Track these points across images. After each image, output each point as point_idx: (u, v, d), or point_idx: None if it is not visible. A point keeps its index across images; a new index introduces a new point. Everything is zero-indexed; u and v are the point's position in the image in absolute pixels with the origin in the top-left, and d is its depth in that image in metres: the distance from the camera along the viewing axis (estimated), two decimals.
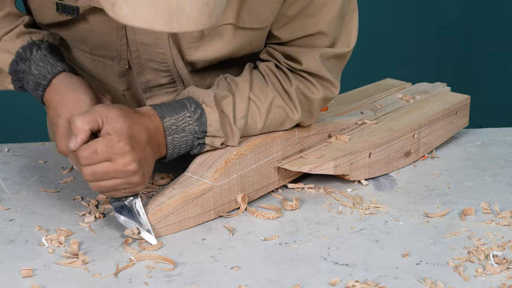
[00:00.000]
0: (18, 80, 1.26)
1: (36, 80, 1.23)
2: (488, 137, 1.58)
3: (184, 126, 1.20)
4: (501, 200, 1.30)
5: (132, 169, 1.12)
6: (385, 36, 3.07)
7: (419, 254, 1.13)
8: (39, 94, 1.24)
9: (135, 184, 1.14)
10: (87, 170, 1.12)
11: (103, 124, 1.12)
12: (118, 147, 1.11)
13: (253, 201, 1.28)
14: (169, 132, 1.19)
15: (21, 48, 1.24)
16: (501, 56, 3.17)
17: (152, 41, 1.24)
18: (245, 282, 1.05)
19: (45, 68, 1.23)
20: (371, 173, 1.37)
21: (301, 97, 1.30)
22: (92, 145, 1.11)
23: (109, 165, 1.11)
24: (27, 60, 1.24)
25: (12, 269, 1.07)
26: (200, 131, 1.22)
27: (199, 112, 1.21)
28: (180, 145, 1.21)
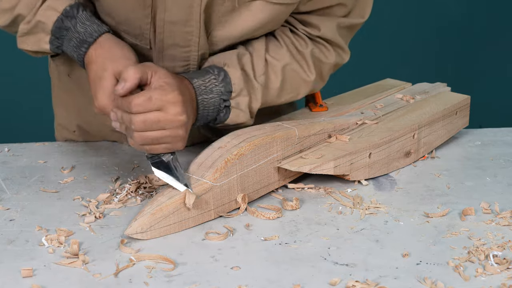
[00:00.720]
0: (58, 39, 1.27)
1: (82, 37, 1.25)
2: (488, 137, 1.58)
3: (211, 87, 1.25)
4: (501, 200, 1.30)
5: (182, 120, 1.15)
6: (385, 36, 3.08)
7: (419, 254, 1.13)
8: (82, 51, 1.25)
9: (179, 137, 1.17)
10: (138, 118, 1.14)
11: (151, 78, 1.16)
12: (172, 96, 1.14)
13: (253, 201, 1.28)
14: (199, 92, 1.24)
15: (69, 6, 1.27)
16: (501, 56, 3.17)
17: (183, 18, 1.26)
18: (245, 282, 1.05)
19: (91, 26, 1.26)
20: (371, 173, 1.37)
21: (315, 61, 1.36)
22: (146, 93, 1.14)
23: (160, 114, 1.14)
24: (73, 18, 1.26)
25: (12, 269, 1.07)
26: (226, 91, 1.27)
27: (223, 74, 1.27)
28: (209, 106, 1.25)
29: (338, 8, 1.34)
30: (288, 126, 1.32)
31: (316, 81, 1.38)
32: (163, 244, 1.14)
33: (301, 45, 1.35)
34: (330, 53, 1.38)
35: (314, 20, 1.34)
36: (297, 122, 1.36)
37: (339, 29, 1.36)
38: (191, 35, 1.28)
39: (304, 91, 1.38)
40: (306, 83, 1.37)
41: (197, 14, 1.26)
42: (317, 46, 1.37)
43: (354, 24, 1.37)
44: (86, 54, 1.25)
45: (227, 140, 1.27)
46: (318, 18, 1.34)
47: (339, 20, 1.35)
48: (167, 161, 1.19)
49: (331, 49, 1.38)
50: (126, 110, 1.15)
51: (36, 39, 1.29)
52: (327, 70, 1.39)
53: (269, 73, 1.33)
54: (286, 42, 1.35)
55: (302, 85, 1.37)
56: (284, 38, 1.36)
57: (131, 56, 1.24)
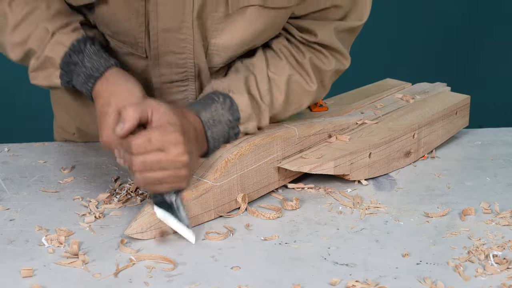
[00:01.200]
0: (67, 73, 1.27)
1: (88, 72, 1.24)
2: (488, 137, 1.58)
3: (219, 118, 1.23)
4: (501, 200, 1.30)
5: (184, 160, 1.12)
6: (385, 36, 3.07)
7: (419, 254, 1.13)
8: (89, 87, 1.24)
9: (182, 178, 1.13)
10: (138, 159, 1.11)
11: (152, 116, 1.13)
12: (172, 136, 1.11)
13: (253, 201, 1.28)
14: (208, 127, 1.22)
15: (76, 40, 1.26)
16: (501, 56, 3.17)
17: (175, 25, 1.25)
18: (245, 282, 1.05)
19: (98, 61, 1.25)
20: (371, 173, 1.37)
21: (314, 69, 1.34)
22: (146, 133, 1.11)
23: (161, 154, 1.11)
24: (80, 53, 1.25)
25: (12, 269, 1.07)
26: (234, 119, 1.25)
27: (229, 101, 1.25)
28: (219, 138, 1.24)
29: (334, 11, 1.31)
30: (288, 126, 1.32)
31: (318, 90, 1.36)
32: (163, 244, 1.14)
33: (299, 55, 1.33)
34: (329, 60, 1.35)
35: (310, 26, 1.32)
36: (297, 122, 1.36)
37: (337, 34, 1.33)
38: (185, 42, 1.27)
39: (307, 101, 1.35)
40: (309, 93, 1.34)
41: (189, 21, 1.24)
42: (314, 53, 1.34)
43: (353, 27, 1.35)
44: (93, 89, 1.24)
45: None
46: (314, 23, 1.32)
47: (336, 24, 1.32)
48: (169, 201, 1.15)
49: (330, 56, 1.35)
50: (127, 150, 1.13)
51: (47, 74, 1.28)
52: (328, 78, 1.36)
53: (273, 90, 1.31)
54: (285, 54, 1.33)
55: (305, 96, 1.34)
56: (282, 50, 1.33)
57: (136, 92, 1.22)
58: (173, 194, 1.15)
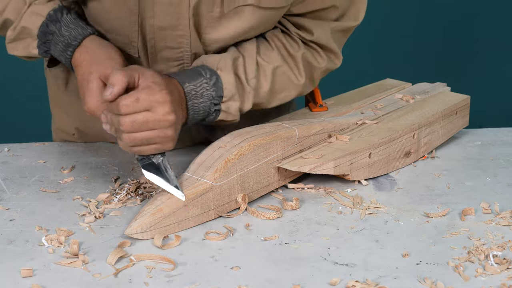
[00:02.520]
0: (45, 43, 1.28)
1: (67, 41, 1.25)
2: (488, 137, 1.58)
3: (202, 91, 1.24)
4: (501, 200, 1.30)
5: (171, 119, 1.14)
6: (385, 36, 3.08)
7: (419, 254, 1.13)
8: (68, 55, 1.26)
9: (169, 138, 1.16)
10: (126, 119, 1.13)
11: (139, 80, 1.15)
12: (159, 95, 1.14)
13: (253, 201, 1.28)
14: (190, 97, 1.23)
15: (52, 10, 1.27)
16: (501, 56, 3.17)
17: (171, 23, 1.26)
18: (245, 282, 1.05)
19: (76, 30, 1.26)
20: (371, 173, 1.37)
21: (306, 64, 1.35)
22: (133, 94, 1.13)
23: (148, 114, 1.13)
24: (57, 22, 1.26)
25: (12, 269, 1.07)
26: (217, 96, 1.26)
27: (215, 78, 1.26)
28: (199, 110, 1.25)
29: (331, 11, 1.32)
30: (288, 126, 1.33)
31: (305, 85, 1.37)
32: (163, 244, 1.14)
33: (293, 48, 1.34)
34: (322, 58, 1.37)
35: (307, 24, 1.33)
36: (297, 122, 1.36)
37: (333, 34, 1.35)
38: (182, 37, 1.28)
39: (293, 93, 1.37)
40: (296, 86, 1.36)
41: (185, 19, 1.25)
42: (309, 50, 1.36)
43: (348, 28, 1.36)
44: (72, 58, 1.26)
45: (227, 140, 1.27)
46: (311, 22, 1.33)
47: (333, 24, 1.33)
48: (157, 162, 1.18)
49: (323, 54, 1.37)
50: (115, 112, 1.14)
51: (25, 44, 1.30)
52: (318, 74, 1.39)
53: (260, 76, 1.32)
54: (277, 45, 1.34)
55: (291, 88, 1.36)
56: (275, 41, 1.34)
57: (116, 57, 1.24)
58: (159, 155, 1.18)
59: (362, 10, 1.36)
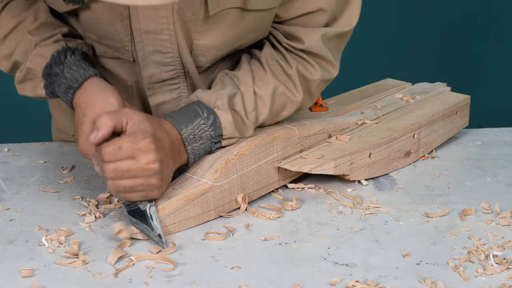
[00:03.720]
0: (50, 85, 1.28)
1: (68, 83, 1.25)
2: (488, 137, 1.58)
3: (200, 133, 1.22)
4: (501, 200, 1.30)
5: (154, 168, 1.13)
6: (385, 36, 3.07)
7: (419, 254, 1.13)
8: (69, 97, 1.26)
9: (153, 186, 1.14)
10: (109, 167, 1.12)
11: (127, 125, 1.14)
12: (143, 144, 1.12)
13: (253, 201, 1.28)
14: (189, 142, 1.21)
15: (56, 52, 1.27)
16: (501, 56, 3.17)
17: (156, 27, 1.25)
18: (245, 282, 1.05)
19: (78, 71, 1.25)
20: (371, 173, 1.37)
21: (300, 78, 1.32)
22: (117, 141, 1.12)
23: (132, 162, 1.12)
24: (61, 64, 1.26)
25: (12, 269, 1.07)
26: (216, 135, 1.24)
27: (213, 118, 1.23)
28: (200, 152, 1.23)
29: (319, 15, 1.28)
30: (288, 126, 1.33)
31: (304, 99, 1.34)
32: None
33: (287, 67, 1.31)
34: (315, 69, 1.32)
35: (297, 32, 1.29)
36: (297, 122, 1.36)
37: (326, 42, 1.30)
38: (169, 42, 1.26)
39: (292, 110, 1.34)
40: (294, 103, 1.33)
41: (170, 23, 1.24)
42: (300, 62, 1.31)
43: (341, 33, 1.31)
44: (73, 99, 1.25)
45: None
46: (301, 30, 1.29)
47: (324, 31, 1.29)
48: (143, 209, 1.16)
49: (316, 65, 1.32)
50: (100, 157, 1.14)
51: (32, 85, 1.31)
52: (315, 87, 1.34)
53: (259, 105, 1.29)
54: (270, 65, 1.31)
55: (290, 105, 1.33)
56: (268, 61, 1.31)
57: (112, 101, 1.22)
58: (147, 203, 1.16)
59: (355, 15, 1.31)
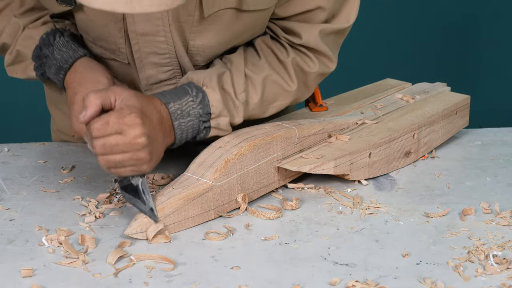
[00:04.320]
0: (40, 66, 1.30)
1: (58, 64, 1.27)
2: (488, 137, 1.58)
3: (188, 110, 1.23)
4: (501, 200, 1.30)
5: (141, 142, 1.13)
6: (385, 36, 3.08)
7: (419, 254, 1.13)
8: (60, 78, 1.27)
9: (142, 161, 1.15)
10: (98, 142, 1.13)
11: (115, 102, 1.15)
12: (128, 118, 1.13)
13: (253, 201, 1.28)
14: (175, 117, 1.22)
15: (45, 34, 1.29)
16: (501, 56, 3.17)
17: (152, 29, 1.25)
18: (245, 282, 1.05)
19: (67, 52, 1.27)
20: (371, 173, 1.37)
21: (297, 70, 1.33)
22: (104, 117, 1.13)
23: (119, 137, 1.13)
24: (50, 45, 1.28)
25: (12, 269, 1.07)
26: (205, 113, 1.24)
27: (201, 95, 1.24)
28: (187, 129, 1.23)
29: (318, 13, 1.29)
30: (288, 126, 1.33)
31: (299, 91, 1.35)
32: (163, 244, 1.14)
33: (282, 54, 1.32)
34: (314, 63, 1.33)
35: (295, 27, 1.30)
36: (297, 122, 1.36)
37: (324, 37, 1.31)
38: (165, 43, 1.27)
39: (287, 101, 1.34)
40: (288, 93, 1.33)
41: (165, 25, 1.24)
42: (299, 55, 1.33)
43: (339, 30, 1.33)
44: (64, 80, 1.27)
45: (227, 140, 1.27)
46: (299, 25, 1.30)
47: (322, 26, 1.30)
48: (135, 184, 1.17)
49: (314, 58, 1.33)
50: (89, 134, 1.15)
51: (22, 67, 1.33)
52: (312, 79, 1.35)
53: (249, 88, 1.29)
54: (265, 53, 1.32)
55: (284, 96, 1.33)
56: (263, 48, 1.32)
57: (102, 80, 1.24)
58: (139, 177, 1.17)
59: (353, 12, 1.32)
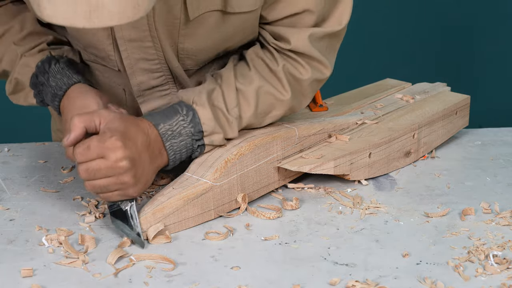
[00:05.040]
0: (38, 94, 1.30)
1: (53, 91, 1.27)
2: (488, 137, 1.58)
3: (179, 130, 1.21)
4: (501, 200, 1.30)
5: (123, 166, 1.13)
6: (385, 36, 3.07)
7: (419, 254, 1.13)
8: (56, 105, 1.28)
9: (127, 185, 1.14)
10: (82, 167, 1.14)
11: (100, 125, 1.15)
12: (109, 142, 1.13)
13: (253, 201, 1.28)
14: (166, 138, 1.20)
15: (41, 61, 1.29)
16: (501, 56, 3.17)
17: (139, 35, 1.23)
18: (245, 282, 1.05)
19: (62, 80, 1.27)
20: (371, 173, 1.37)
21: (290, 78, 1.29)
22: (86, 142, 1.14)
23: (101, 161, 1.13)
24: (45, 73, 1.28)
25: (12, 269, 1.07)
26: (196, 131, 1.22)
27: (191, 114, 1.23)
28: (181, 149, 1.22)
29: (306, 16, 1.25)
30: (288, 126, 1.33)
31: (295, 99, 1.31)
32: (163, 244, 1.14)
33: (272, 63, 1.29)
34: (305, 69, 1.29)
35: (284, 32, 1.27)
36: (297, 122, 1.36)
37: (315, 41, 1.28)
38: (153, 49, 1.25)
39: (282, 110, 1.31)
40: (282, 102, 1.30)
41: (152, 30, 1.22)
42: (289, 61, 1.29)
43: (332, 33, 1.29)
44: (59, 107, 1.28)
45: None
46: (287, 30, 1.27)
47: (311, 31, 1.26)
48: (124, 209, 1.16)
49: (306, 65, 1.29)
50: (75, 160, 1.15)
51: (24, 95, 1.33)
52: (307, 86, 1.31)
53: (241, 102, 1.27)
54: (255, 63, 1.29)
55: (279, 105, 1.30)
56: (253, 59, 1.30)
57: (91, 105, 1.23)
58: (128, 202, 1.17)
59: (346, 14, 1.28)
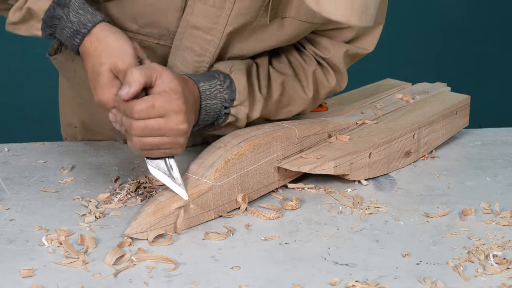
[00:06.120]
0: (50, 27, 1.22)
1: (75, 28, 1.20)
2: (488, 137, 1.58)
3: (216, 93, 1.23)
4: (501, 200, 1.30)
5: (183, 129, 1.14)
6: (385, 36, 3.08)
7: (419, 254, 1.13)
8: (77, 42, 1.20)
9: (179, 145, 1.15)
10: (139, 124, 1.12)
11: (155, 81, 1.13)
12: (175, 104, 1.12)
13: (253, 201, 1.28)
14: (204, 97, 1.22)
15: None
16: (501, 56, 3.17)
17: (206, 24, 1.24)
18: (245, 282, 1.05)
19: (85, 16, 1.20)
20: (371, 173, 1.37)
21: (316, 82, 1.36)
22: (150, 99, 1.12)
23: (162, 121, 1.12)
24: (65, 7, 1.20)
25: (12, 269, 1.07)
26: (230, 99, 1.25)
27: (228, 81, 1.25)
28: (211, 112, 1.24)
29: (347, 31, 1.35)
30: (288, 126, 1.33)
31: (311, 102, 1.39)
32: (163, 244, 1.14)
33: (306, 63, 1.36)
34: (332, 78, 1.38)
35: (324, 43, 1.35)
36: (297, 122, 1.36)
37: (346, 57, 1.37)
38: (209, 44, 1.26)
39: (299, 108, 1.38)
40: (302, 100, 1.37)
41: (222, 25, 1.24)
42: (321, 68, 1.37)
43: (359, 54, 1.38)
44: (80, 46, 1.20)
45: (227, 140, 1.27)
46: (328, 41, 1.35)
47: (347, 47, 1.36)
48: (168, 162, 1.18)
49: (333, 75, 1.38)
50: (127, 114, 1.13)
51: (28, 26, 1.24)
52: (324, 94, 1.40)
53: (271, 86, 1.32)
54: (290, 59, 1.36)
55: (298, 102, 1.37)
56: (288, 55, 1.36)
57: (129, 49, 1.18)
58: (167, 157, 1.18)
59: (375, 40, 1.39)
